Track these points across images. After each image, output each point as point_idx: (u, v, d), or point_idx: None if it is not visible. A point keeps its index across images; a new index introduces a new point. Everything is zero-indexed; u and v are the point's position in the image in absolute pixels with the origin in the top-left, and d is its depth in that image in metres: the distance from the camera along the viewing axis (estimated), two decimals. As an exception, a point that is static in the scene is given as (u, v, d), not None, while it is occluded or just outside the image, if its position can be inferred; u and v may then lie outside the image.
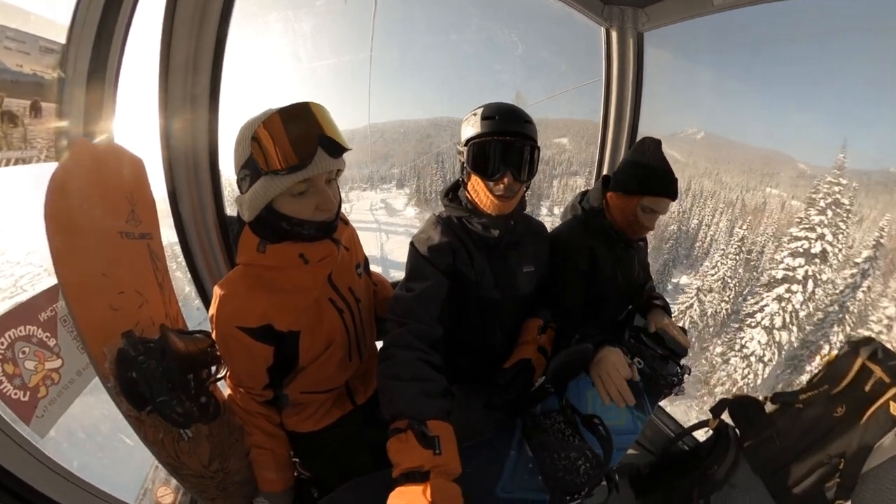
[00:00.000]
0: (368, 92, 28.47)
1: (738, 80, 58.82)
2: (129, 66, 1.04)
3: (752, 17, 29.74)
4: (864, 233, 17.50)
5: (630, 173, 1.23)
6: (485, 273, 1.06)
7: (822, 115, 44.14)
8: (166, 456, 0.78)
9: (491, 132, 0.96)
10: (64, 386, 0.80)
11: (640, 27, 1.75)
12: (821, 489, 1.17)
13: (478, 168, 0.98)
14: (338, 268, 0.95)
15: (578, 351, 0.99)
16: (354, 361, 1.04)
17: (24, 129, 0.78)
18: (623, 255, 1.34)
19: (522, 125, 0.97)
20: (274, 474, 0.98)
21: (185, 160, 1.23)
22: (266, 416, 0.99)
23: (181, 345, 0.80)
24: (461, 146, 1.01)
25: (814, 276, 13.48)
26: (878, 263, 14.53)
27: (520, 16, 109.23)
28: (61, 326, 0.80)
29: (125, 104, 1.04)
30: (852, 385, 1.19)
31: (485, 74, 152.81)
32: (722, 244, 19.90)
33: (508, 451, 1.04)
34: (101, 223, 0.84)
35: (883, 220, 15.44)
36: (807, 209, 14.74)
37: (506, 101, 1.03)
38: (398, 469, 0.70)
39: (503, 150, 0.96)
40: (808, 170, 25.47)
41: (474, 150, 0.97)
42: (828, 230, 13.56)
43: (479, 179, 1.00)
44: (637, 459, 1.64)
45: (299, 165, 0.73)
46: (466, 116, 1.03)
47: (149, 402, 0.75)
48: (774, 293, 13.80)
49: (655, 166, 1.21)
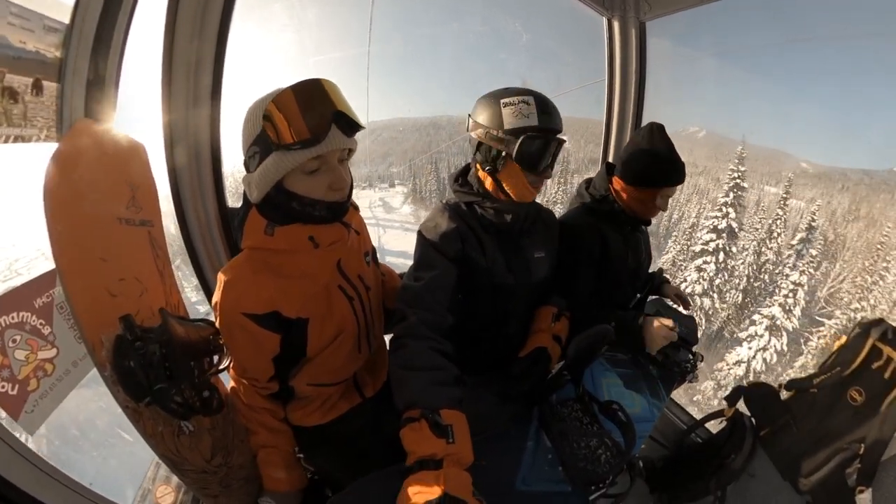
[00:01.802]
0: (367, 90, 28.31)
1: (742, 73, 58.64)
2: (130, 61, 1.02)
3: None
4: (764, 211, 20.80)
5: (645, 165, 1.21)
6: (496, 259, 1.04)
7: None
8: (166, 450, 0.74)
9: (548, 129, 0.94)
10: (58, 378, 0.76)
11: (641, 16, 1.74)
12: (841, 476, 1.15)
13: (526, 161, 0.95)
14: (347, 254, 0.92)
15: (598, 332, 0.96)
16: (364, 352, 1.01)
17: (25, 106, 0.75)
18: (631, 238, 1.34)
19: (561, 122, 0.97)
20: (283, 473, 0.94)
21: (188, 152, 1.22)
22: (270, 411, 0.95)
23: (182, 330, 0.76)
24: (496, 131, 0.94)
25: (724, 249, 16.05)
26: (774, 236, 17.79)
27: (523, 5, 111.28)
28: (58, 314, 0.76)
29: (128, 96, 1.02)
30: (863, 366, 1.18)
31: (489, 63, 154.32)
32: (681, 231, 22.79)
33: (526, 443, 1.00)
34: (102, 207, 0.81)
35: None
36: (716, 193, 17.85)
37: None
38: (412, 457, 0.70)
39: (554, 148, 0.97)
40: (811, 168, 26.68)
41: (527, 144, 0.93)
42: (732, 209, 16.00)
43: (521, 170, 0.97)
44: (650, 453, 1.61)
45: (313, 140, 0.70)
46: (497, 98, 0.96)
47: (147, 393, 0.71)
48: (694, 265, 16.46)
49: (670, 157, 1.19)
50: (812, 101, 44.38)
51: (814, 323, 16.76)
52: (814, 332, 15.66)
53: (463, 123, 1.06)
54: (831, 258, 20.09)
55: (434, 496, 0.63)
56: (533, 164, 0.96)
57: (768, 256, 17.59)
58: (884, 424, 1.11)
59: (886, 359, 1.15)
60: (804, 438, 1.22)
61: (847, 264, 19.18)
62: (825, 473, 1.16)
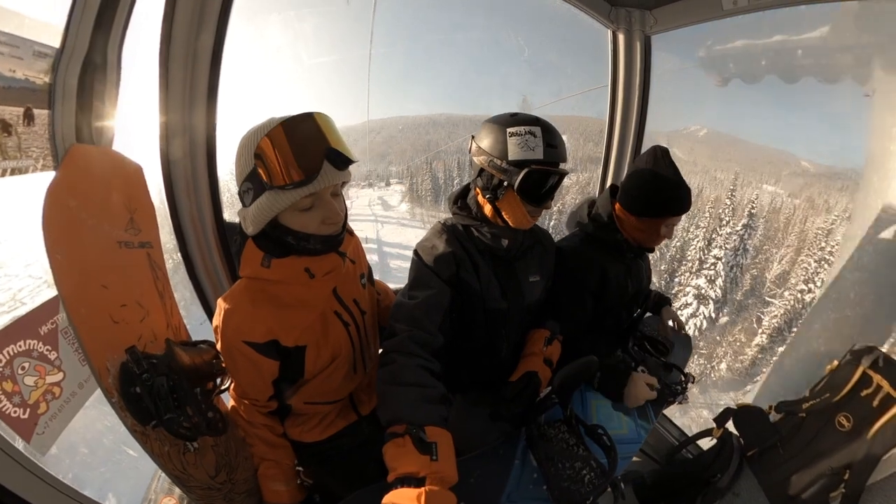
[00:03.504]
0: (367, 91, 28.28)
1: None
2: (126, 70, 0.99)
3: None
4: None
5: (649, 195, 1.15)
6: (490, 283, 1.05)
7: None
8: (173, 468, 0.77)
9: (551, 162, 0.93)
10: (65, 399, 0.78)
11: (647, 30, 1.72)
12: (825, 499, 1.17)
13: (527, 194, 0.95)
14: (343, 280, 0.93)
15: (584, 363, 0.98)
16: (359, 373, 1.03)
17: (19, 137, 0.75)
18: (633, 266, 1.30)
19: (565, 153, 0.96)
20: (283, 486, 0.96)
21: (183, 165, 1.22)
22: (269, 427, 0.98)
23: (187, 358, 0.79)
24: (498, 160, 0.94)
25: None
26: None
27: (526, 17, 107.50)
28: (62, 338, 0.79)
29: (124, 108, 1.00)
30: (852, 392, 1.19)
31: (492, 76, 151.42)
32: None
33: (513, 461, 1.04)
34: (100, 232, 0.81)
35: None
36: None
37: (519, 112, 0.98)
38: (393, 473, 0.70)
39: (555, 183, 0.97)
40: (812, 168, 26.32)
41: (531, 177, 0.92)
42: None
43: (521, 200, 0.96)
44: (641, 467, 1.64)
45: (305, 181, 0.71)
46: (504, 126, 0.94)
47: (153, 417, 0.74)
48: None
49: (676, 186, 1.13)
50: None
51: (764, 303, 17.94)
52: (765, 313, 17.19)
53: (460, 124, 1.06)
54: (777, 244, 21.15)
55: None
56: (535, 196, 0.96)
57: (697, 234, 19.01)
58: (870, 451, 1.13)
59: (876, 386, 1.15)
60: (790, 461, 1.24)
61: (791, 249, 20.24)
62: (809, 496, 1.18)
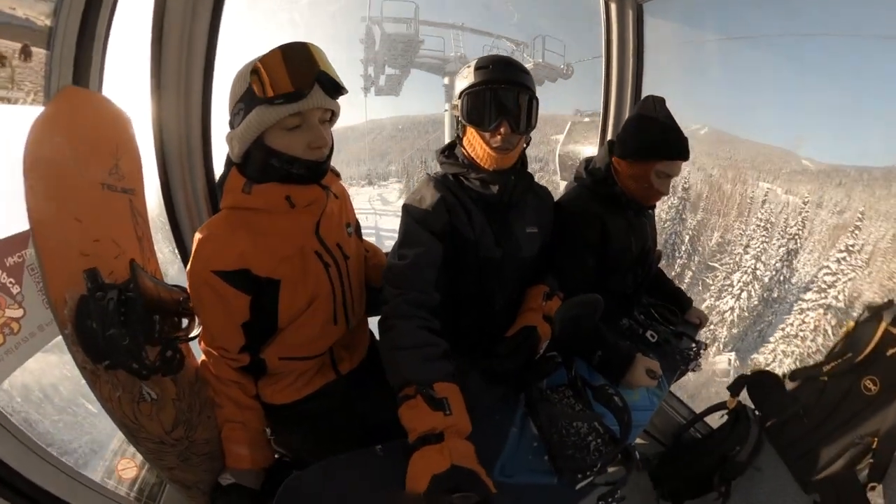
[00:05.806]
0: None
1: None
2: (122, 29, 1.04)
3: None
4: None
5: (639, 138, 1.14)
6: (484, 231, 1.00)
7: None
8: (122, 416, 0.71)
9: (485, 81, 0.92)
10: (23, 338, 0.76)
11: (640, -1, 1.68)
12: (851, 471, 1.08)
13: (473, 119, 0.94)
14: (326, 220, 0.90)
15: (586, 300, 0.91)
16: (340, 325, 0.96)
17: (13, 70, 0.79)
18: (635, 223, 1.24)
19: (518, 74, 0.94)
20: (245, 450, 0.89)
21: (178, 124, 1.21)
22: (240, 385, 0.91)
23: (151, 286, 0.74)
24: (455, 100, 0.97)
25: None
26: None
27: None
28: (28, 275, 0.77)
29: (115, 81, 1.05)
30: (876, 352, 1.11)
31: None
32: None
33: (510, 429, 0.94)
34: (81, 170, 0.81)
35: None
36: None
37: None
38: (413, 434, 0.73)
39: (499, 98, 0.92)
40: (812, 166, 26.90)
41: (468, 101, 0.94)
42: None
43: (476, 132, 0.95)
44: (646, 450, 1.53)
45: (295, 95, 0.72)
46: (460, 70, 1.00)
47: (104, 353, 0.67)
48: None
49: (666, 127, 1.11)
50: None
51: (709, 269, 19.41)
52: (708, 276, 18.77)
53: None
54: (711, 212, 22.43)
55: (442, 469, 0.66)
56: (476, 118, 0.93)
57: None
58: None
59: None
60: (813, 431, 1.15)
61: (724, 218, 21.59)
62: (835, 469, 1.09)
